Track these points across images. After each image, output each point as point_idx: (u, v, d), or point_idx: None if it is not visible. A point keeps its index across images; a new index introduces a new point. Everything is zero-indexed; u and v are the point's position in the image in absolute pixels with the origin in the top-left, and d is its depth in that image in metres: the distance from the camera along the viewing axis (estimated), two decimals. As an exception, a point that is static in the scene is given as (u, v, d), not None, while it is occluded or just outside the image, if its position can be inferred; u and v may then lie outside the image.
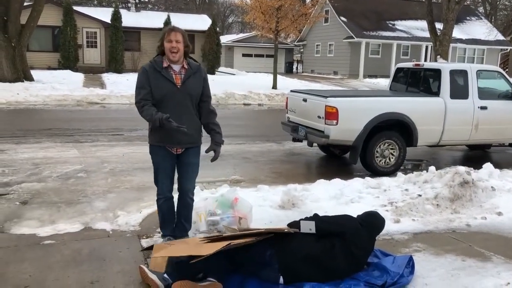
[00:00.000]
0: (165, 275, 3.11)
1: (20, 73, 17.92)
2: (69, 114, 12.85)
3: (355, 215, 4.57)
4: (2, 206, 4.94)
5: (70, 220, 4.56)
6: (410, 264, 3.47)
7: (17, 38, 17.83)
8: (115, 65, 25.80)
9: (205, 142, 3.83)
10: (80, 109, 14.30)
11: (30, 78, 18.52)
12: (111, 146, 8.36)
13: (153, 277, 3.11)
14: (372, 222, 3.61)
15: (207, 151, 3.78)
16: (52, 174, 6.30)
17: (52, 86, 17.25)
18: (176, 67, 3.57)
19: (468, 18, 35.02)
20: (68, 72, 22.75)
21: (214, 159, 3.75)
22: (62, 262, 3.53)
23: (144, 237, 4.08)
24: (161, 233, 3.91)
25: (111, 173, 6.47)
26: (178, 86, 3.54)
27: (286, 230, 3.30)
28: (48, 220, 4.56)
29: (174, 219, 3.88)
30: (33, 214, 4.72)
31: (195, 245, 3.18)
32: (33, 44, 24.55)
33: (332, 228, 3.39)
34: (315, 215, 3.61)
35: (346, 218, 3.60)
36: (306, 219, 3.50)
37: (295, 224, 3.43)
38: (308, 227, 3.34)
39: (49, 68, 24.30)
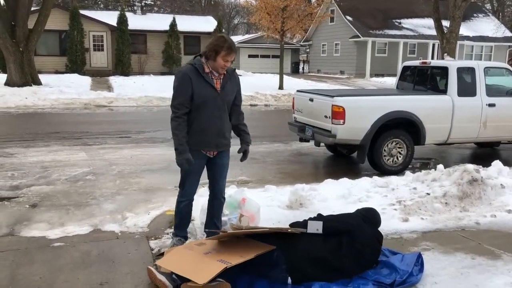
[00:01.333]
0: (174, 275, 3.13)
1: (28, 78, 18.08)
2: (77, 118, 12.94)
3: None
4: (12, 209, 4.99)
5: (79, 222, 4.59)
6: (419, 261, 3.45)
7: (24, 43, 17.99)
8: (122, 68, 25.95)
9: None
10: (88, 112, 14.39)
11: (38, 82, 18.69)
12: (119, 149, 8.40)
13: (162, 278, 3.12)
14: (372, 216, 3.67)
15: (239, 151, 3.85)
16: (60, 177, 6.35)
17: (60, 89, 17.39)
18: (216, 72, 3.58)
19: (475, 15, 34.78)
20: (75, 76, 22.92)
21: (244, 158, 3.87)
22: (71, 264, 3.56)
23: (152, 238, 4.10)
24: (175, 233, 3.88)
25: (119, 175, 6.50)
26: (218, 91, 3.57)
27: (292, 230, 3.30)
28: (57, 222, 4.59)
29: (190, 221, 3.92)
30: (42, 216, 4.76)
31: (196, 262, 3.17)
32: (41, 48, 24.77)
33: (338, 227, 3.40)
34: (319, 215, 3.61)
35: (349, 216, 3.62)
36: (311, 219, 3.49)
37: (300, 224, 3.42)
38: (315, 228, 3.34)
39: (57, 72, 24.50)
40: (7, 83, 17.78)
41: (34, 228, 4.40)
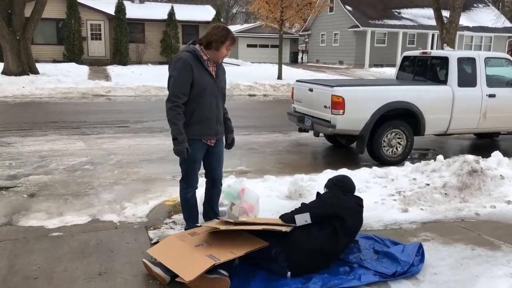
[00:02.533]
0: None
1: (25, 66, 17.96)
2: (74, 107, 12.88)
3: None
4: (10, 199, 4.96)
5: (77, 212, 4.57)
6: (420, 252, 3.45)
7: (21, 31, 17.84)
8: (119, 57, 25.80)
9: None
10: (86, 101, 14.32)
11: (35, 71, 18.57)
12: (117, 138, 8.37)
13: (157, 270, 3.10)
14: (348, 184, 3.75)
15: (228, 140, 3.87)
16: (58, 167, 6.32)
17: (57, 79, 17.29)
18: (213, 61, 3.57)
19: (475, 5, 34.62)
20: (73, 65, 22.79)
21: (232, 145, 3.91)
22: (70, 254, 3.54)
23: (151, 228, 4.08)
24: (187, 227, 3.81)
25: (117, 165, 6.47)
26: (215, 79, 3.58)
27: (283, 230, 3.21)
28: (55, 212, 4.57)
29: (198, 211, 3.90)
30: (40, 206, 4.74)
31: (185, 255, 3.12)
32: (38, 37, 24.58)
33: (325, 213, 3.37)
34: (303, 204, 3.56)
35: (331, 195, 3.58)
36: (297, 211, 3.43)
37: (289, 219, 3.36)
38: (304, 219, 3.30)
39: (54, 61, 24.35)
40: (4, 72, 17.67)
41: (32, 217, 4.38)
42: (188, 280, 2.88)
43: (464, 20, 29.03)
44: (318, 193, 3.74)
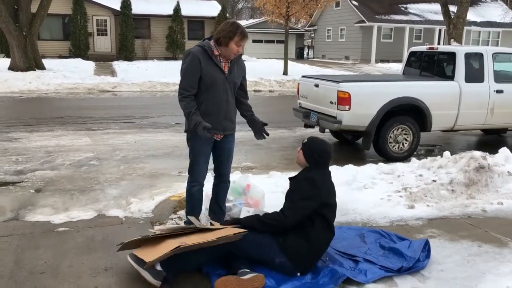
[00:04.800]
0: (159, 268, 2.96)
1: (32, 62, 18.02)
2: (80, 102, 12.91)
3: (367, 201, 4.51)
4: (16, 194, 4.99)
5: (83, 207, 4.58)
6: (426, 248, 3.44)
7: (28, 27, 17.90)
8: (125, 53, 25.83)
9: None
10: (92, 97, 14.36)
11: (41, 67, 18.64)
12: (123, 134, 8.38)
13: (145, 274, 2.97)
14: (327, 157, 3.38)
15: (258, 129, 3.85)
16: (65, 162, 6.34)
17: (64, 74, 17.34)
18: (226, 57, 3.56)
19: (483, 0, 34.29)
20: (79, 61, 22.84)
21: (266, 134, 3.89)
22: (76, 249, 3.55)
23: (157, 224, 4.09)
24: (187, 221, 3.77)
25: (123, 161, 6.49)
26: (226, 75, 3.57)
27: (237, 239, 3.05)
28: (61, 207, 4.59)
29: (201, 208, 3.89)
30: (47, 201, 4.76)
31: (157, 244, 3.05)
32: (44, 32, 24.66)
33: (308, 209, 3.16)
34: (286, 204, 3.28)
35: (309, 186, 3.20)
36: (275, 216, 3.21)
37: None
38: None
39: (60, 57, 24.43)
40: (11, 68, 17.75)
41: (38, 212, 4.40)
42: (149, 260, 2.85)
43: (472, 15, 28.78)
44: (291, 180, 3.38)
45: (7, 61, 18.65)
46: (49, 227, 4.01)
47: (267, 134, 3.90)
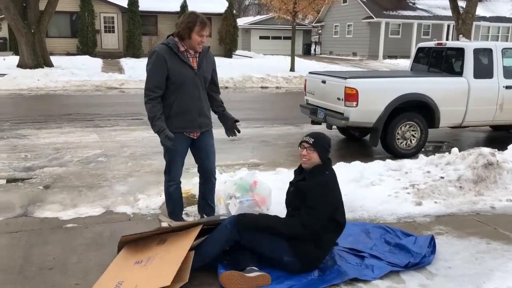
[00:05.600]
0: None
1: (40, 59, 18.13)
2: (88, 99, 12.98)
3: (374, 198, 4.48)
4: (25, 190, 5.03)
5: (91, 203, 4.62)
6: (431, 244, 3.44)
7: (36, 25, 18.00)
8: (132, 50, 25.89)
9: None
10: (99, 94, 14.42)
11: (49, 64, 18.74)
12: (130, 131, 8.42)
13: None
14: (326, 145, 3.26)
15: (229, 126, 3.76)
16: (73, 159, 6.38)
17: (71, 71, 17.43)
18: (192, 51, 3.48)
19: (492, -5, 33.95)
20: (86, 58, 22.94)
21: (234, 128, 3.76)
22: (84, 245, 3.58)
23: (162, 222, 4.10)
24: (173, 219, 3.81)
25: (131, 157, 6.52)
26: (195, 70, 3.48)
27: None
28: (70, 204, 4.62)
29: (183, 206, 3.88)
30: (55, 198, 4.80)
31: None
32: (52, 30, 24.78)
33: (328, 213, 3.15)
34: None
35: (328, 190, 3.17)
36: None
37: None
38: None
39: (68, 54, 24.54)
40: (20, 65, 17.88)
41: (47, 209, 4.44)
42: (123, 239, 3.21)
43: (481, 10, 28.52)
44: (295, 184, 3.32)
45: (16, 59, 18.79)
46: (58, 223, 4.04)
47: (238, 131, 3.80)
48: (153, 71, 3.39)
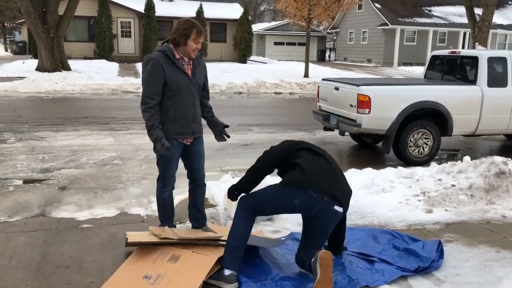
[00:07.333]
0: (227, 272, 3.10)
1: (58, 63, 18.48)
2: (104, 103, 13.18)
3: (385, 204, 4.52)
4: (43, 191, 5.17)
5: (106, 205, 4.73)
6: (439, 248, 3.49)
7: (55, 29, 18.37)
8: (148, 54, 26.17)
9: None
10: (115, 97, 14.63)
11: (67, 68, 19.10)
12: (145, 134, 8.35)
13: (219, 283, 3.09)
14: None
15: (218, 131, 3.76)
16: (89, 161, 6.52)
17: (88, 75, 17.72)
18: (186, 58, 3.50)
19: (510, 2, 33.63)
20: (103, 62, 23.29)
21: (225, 136, 3.76)
22: (99, 245, 3.68)
23: (177, 222, 4.19)
24: (161, 224, 3.82)
25: (145, 160, 6.63)
26: (190, 78, 3.49)
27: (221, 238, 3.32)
28: (85, 205, 4.74)
29: (174, 212, 3.88)
30: (71, 199, 4.92)
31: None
32: (70, 34, 25.23)
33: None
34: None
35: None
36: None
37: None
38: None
39: (85, 58, 24.96)
40: (38, 69, 18.26)
41: (63, 209, 4.56)
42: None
43: (498, 18, 28.25)
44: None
45: (34, 62, 19.17)
46: (74, 223, 4.16)
47: (228, 136, 3.78)
48: (151, 78, 3.38)
